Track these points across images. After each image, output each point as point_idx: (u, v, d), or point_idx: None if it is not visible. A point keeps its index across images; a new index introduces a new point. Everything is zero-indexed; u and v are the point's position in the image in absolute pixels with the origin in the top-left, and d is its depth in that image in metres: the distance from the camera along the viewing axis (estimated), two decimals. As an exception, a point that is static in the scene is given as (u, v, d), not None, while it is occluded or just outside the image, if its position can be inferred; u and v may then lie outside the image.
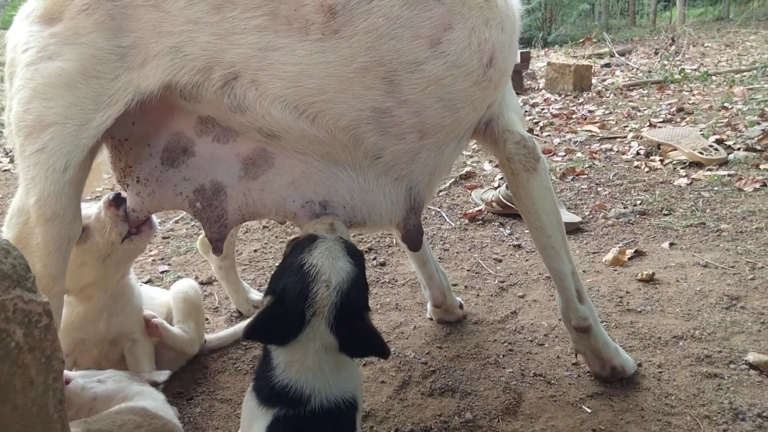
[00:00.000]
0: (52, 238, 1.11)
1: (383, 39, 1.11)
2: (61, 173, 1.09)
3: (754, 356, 1.59)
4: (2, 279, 0.65)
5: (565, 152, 4.18)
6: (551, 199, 1.49)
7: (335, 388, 1.03)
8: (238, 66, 1.10)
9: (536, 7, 16.83)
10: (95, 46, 1.09)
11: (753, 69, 7.55)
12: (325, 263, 1.03)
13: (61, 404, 0.73)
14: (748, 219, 2.64)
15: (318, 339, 1.01)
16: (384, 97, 1.15)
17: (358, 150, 1.22)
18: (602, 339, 1.55)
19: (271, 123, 1.16)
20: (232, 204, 1.27)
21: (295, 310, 1.00)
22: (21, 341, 0.66)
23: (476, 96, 1.26)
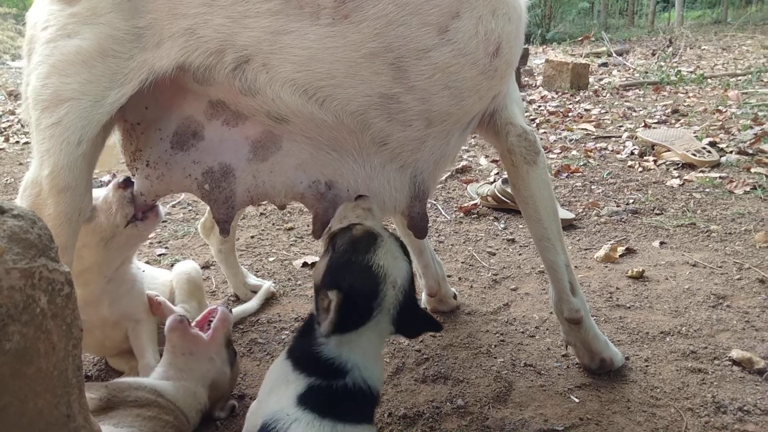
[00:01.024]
0: (63, 209, 1.14)
1: (392, 25, 1.13)
2: (75, 146, 1.12)
3: (738, 353, 1.64)
4: (29, 248, 0.68)
5: (561, 150, 4.22)
6: (549, 192, 1.52)
7: (369, 372, 1.09)
8: (250, 49, 1.13)
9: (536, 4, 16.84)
10: (112, 26, 1.12)
11: (748, 73, 7.63)
12: (391, 264, 1.09)
13: (79, 370, 0.76)
14: (738, 221, 2.69)
15: (377, 329, 1.10)
16: (392, 83, 1.18)
17: (365, 136, 1.24)
18: (593, 331, 1.59)
19: (280, 106, 1.18)
20: (241, 186, 1.30)
21: (365, 308, 1.07)
22: (45, 308, 0.69)
23: (482, 85, 1.28)
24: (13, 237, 0.67)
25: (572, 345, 1.64)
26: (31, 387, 0.68)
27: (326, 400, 1.05)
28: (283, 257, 2.52)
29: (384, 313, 1.08)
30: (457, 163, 3.87)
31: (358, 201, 1.27)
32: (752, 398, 1.47)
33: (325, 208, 1.31)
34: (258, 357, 1.77)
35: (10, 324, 0.65)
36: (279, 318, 2.00)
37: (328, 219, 1.31)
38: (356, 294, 1.06)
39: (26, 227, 0.69)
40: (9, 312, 0.65)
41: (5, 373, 0.65)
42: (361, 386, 1.07)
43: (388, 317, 1.09)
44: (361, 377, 1.08)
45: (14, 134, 5.42)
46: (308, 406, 1.03)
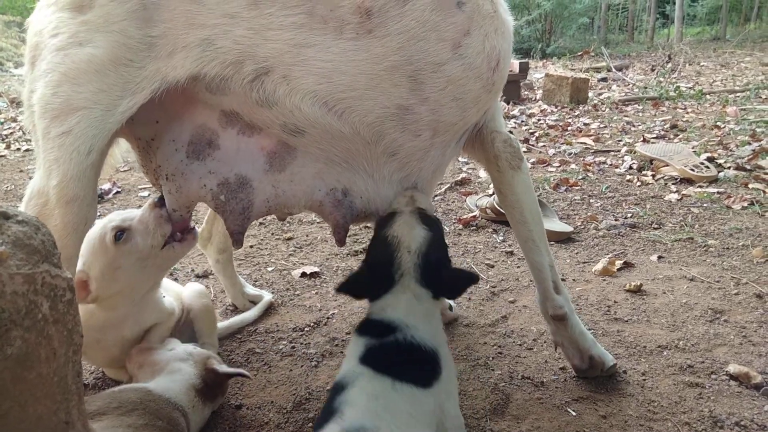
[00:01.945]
0: (70, 219, 1.14)
1: (413, 40, 1.19)
2: (84, 156, 1.12)
3: (735, 368, 1.65)
4: (32, 254, 0.69)
5: (560, 163, 4.24)
6: (533, 196, 1.58)
7: (422, 331, 1.18)
8: (271, 61, 1.14)
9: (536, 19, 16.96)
10: (126, 34, 1.12)
11: (746, 90, 7.69)
12: (404, 232, 1.23)
13: (79, 376, 0.77)
14: (735, 236, 2.71)
15: (409, 291, 1.21)
16: (408, 95, 1.24)
17: (378, 147, 1.29)
18: (578, 329, 1.62)
19: (298, 118, 1.20)
20: (260, 196, 1.31)
21: (384, 274, 1.22)
22: (47, 313, 0.70)
23: (482, 98, 1.36)
24: (17, 242, 0.68)
25: (561, 345, 1.66)
26: (32, 392, 0.69)
27: (380, 356, 1.15)
28: (281, 267, 2.53)
29: (407, 276, 1.21)
30: (456, 176, 3.88)
31: (403, 191, 1.39)
32: (749, 413, 1.48)
33: (343, 215, 1.34)
34: (255, 367, 1.77)
35: (13, 329, 0.65)
36: (277, 328, 2.00)
37: (348, 226, 1.36)
38: (375, 263, 1.23)
39: (30, 233, 0.70)
40: (11, 317, 0.65)
41: (6, 378, 0.65)
42: (411, 342, 1.16)
43: (413, 279, 1.21)
44: (408, 334, 1.17)
45: (15, 141, 5.43)
46: (367, 363, 1.14)
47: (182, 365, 1.42)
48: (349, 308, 2.13)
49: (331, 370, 1.74)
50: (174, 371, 1.40)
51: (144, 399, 1.26)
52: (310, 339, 1.93)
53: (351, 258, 2.61)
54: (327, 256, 2.64)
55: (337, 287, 1.25)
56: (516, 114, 6.58)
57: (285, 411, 1.55)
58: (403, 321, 1.18)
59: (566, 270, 2.43)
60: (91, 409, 1.18)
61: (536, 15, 16.74)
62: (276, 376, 1.72)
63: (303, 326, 2.00)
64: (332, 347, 1.87)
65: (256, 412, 1.55)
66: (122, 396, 1.24)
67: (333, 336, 1.93)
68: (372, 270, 1.24)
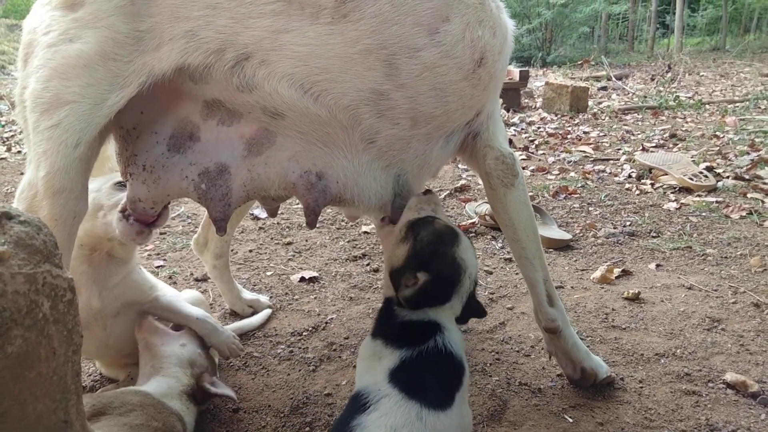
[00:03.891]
0: (57, 211, 1.14)
1: (387, 23, 1.19)
2: (72, 148, 1.13)
3: (732, 376, 1.65)
4: (34, 254, 0.69)
5: (559, 171, 4.25)
6: (527, 213, 1.55)
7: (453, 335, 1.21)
8: (251, 47, 1.16)
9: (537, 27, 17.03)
10: (114, 29, 1.14)
11: (746, 100, 7.72)
12: (469, 258, 1.25)
13: (78, 376, 0.77)
14: (733, 245, 2.71)
15: (451, 310, 1.24)
16: (383, 79, 1.23)
17: (355, 131, 1.28)
18: (571, 341, 1.62)
19: (276, 101, 1.21)
20: (237, 181, 1.32)
21: (446, 291, 1.23)
22: (47, 313, 0.70)
23: (465, 92, 1.34)
24: (19, 242, 0.68)
25: (554, 355, 1.67)
26: (31, 391, 0.69)
27: (415, 376, 1.13)
28: (280, 272, 2.53)
29: (458, 299, 1.23)
30: (455, 182, 3.89)
31: (428, 196, 1.39)
32: (746, 422, 1.48)
33: (315, 198, 1.33)
34: (253, 371, 1.77)
35: (13, 328, 0.66)
36: (275, 332, 2.00)
37: (319, 210, 1.35)
38: (443, 279, 1.21)
39: (32, 233, 0.71)
40: (12, 316, 0.66)
41: (6, 377, 0.66)
42: (451, 351, 1.17)
43: (460, 302, 1.24)
44: (448, 338, 1.19)
45: (17, 144, 5.45)
46: (398, 383, 1.11)
47: (179, 372, 1.43)
48: (347, 313, 2.14)
49: (329, 375, 1.74)
50: (171, 376, 1.40)
51: (143, 402, 1.27)
52: (309, 343, 1.93)
53: (350, 263, 2.62)
54: (326, 261, 2.64)
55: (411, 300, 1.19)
56: (516, 122, 6.60)
57: (282, 415, 1.55)
58: (442, 323, 1.21)
59: (564, 277, 2.44)
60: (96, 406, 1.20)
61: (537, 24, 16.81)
62: (274, 380, 1.72)
63: (301, 331, 2.01)
64: (330, 352, 1.87)
65: (254, 416, 1.56)
66: (124, 397, 1.25)
67: (331, 341, 1.94)
68: (435, 283, 1.20)
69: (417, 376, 1.13)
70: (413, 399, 1.08)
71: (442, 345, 1.17)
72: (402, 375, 1.13)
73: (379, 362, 1.17)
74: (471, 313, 1.29)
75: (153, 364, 1.44)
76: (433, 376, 1.14)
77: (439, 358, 1.16)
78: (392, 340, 1.19)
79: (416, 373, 1.14)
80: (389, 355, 1.17)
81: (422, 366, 1.15)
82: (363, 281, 2.42)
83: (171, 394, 1.37)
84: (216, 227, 1.35)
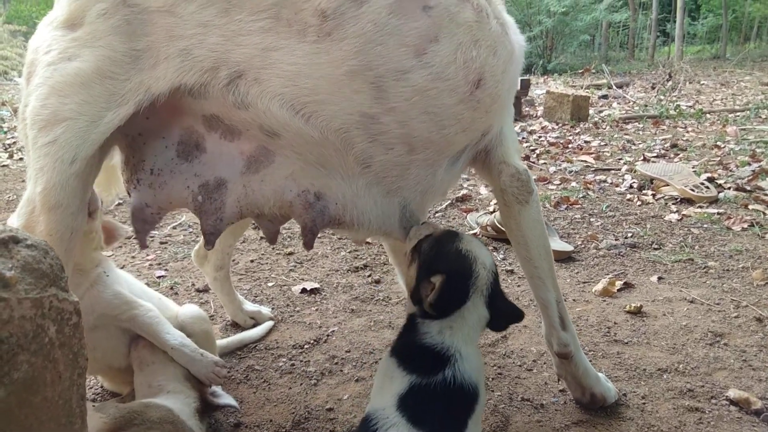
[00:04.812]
0: (54, 227, 1.15)
1: (371, 44, 1.16)
2: (68, 165, 1.14)
3: (735, 392, 1.64)
4: (41, 278, 0.69)
5: (560, 181, 4.26)
6: (541, 231, 1.53)
7: (469, 362, 1.16)
8: (243, 65, 1.16)
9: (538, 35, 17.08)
10: (111, 48, 1.15)
11: (746, 110, 7.73)
12: (478, 250, 1.23)
13: (83, 399, 0.77)
14: (735, 258, 2.71)
15: (475, 312, 1.20)
16: (372, 103, 1.20)
17: (348, 154, 1.26)
18: (582, 366, 1.60)
19: (271, 120, 1.21)
20: (231, 196, 1.31)
21: (462, 286, 1.19)
22: (53, 337, 0.70)
23: (464, 116, 1.29)
24: (26, 267, 0.68)
25: (564, 378, 1.65)
26: (37, 416, 0.69)
27: (424, 405, 1.10)
28: (282, 282, 2.53)
29: (478, 294, 1.19)
30: (457, 192, 3.89)
31: (424, 224, 1.39)
32: (749, 439, 1.47)
33: (312, 219, 1.32)
34: (255, 384, 1.77)
35: (20, 353, 0.66)
36: (276, 345, 2.00)
37: (317, 230, 1.34)
38: (455, 273, 1.19)
39: (39, 257, 0.71)
40: (19, 341, 0.66)
41: (12, 403, 0.66)
42: (461, 382, 1.13)
43: (483, 299, 1.20)
44: (460, 369, 1.14)
45: (19, 151, 5.45)
46: (406, 411, 1.09)
47: (183, 387, 1.42)
48: (349, 326, 2.13)
49: (330, 389, 1.74)
50: (177, 392, 1.40)
51: (163, 418, 1.28)
52: (310, 357, 1.92)
53: (351, 274, 2.62)
54: (327, 272, 2.64)
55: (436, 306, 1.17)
56: (517, 131, 6.61)
57: (284, 430, 1.55)
58: (459, 349, 1.16)
59: (566, 290, 2.43)
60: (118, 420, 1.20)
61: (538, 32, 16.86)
62: (275, 394, 1.72)
63: (303, 343, 2.00)
64: (332, 365, 1.87)
65: (255, 430, 1.55)
66: (146, 413, 1.25)
67: (333, 354, 1.93)
68: (450, 281, 1.17)
69: (425, 405, 1.11)
70: (421, 430, 1.07)
71: (451, 378, 1.13)
72: (410, 402, 1.11)
73: (390, 382, 1.16)
74: (504, 317, 1.25)
75: (150, 383, 1.43)
76: (442, 406, 1.12)
77: (449, 390, 1.12)
78: (405, 362, 1.17)
79: (424, 402, 1.11)
80: (400, 377, 1.15)
81: (430, 396, 1.12)
82: (365, 293, 2.41)
83: (189, 412, 1.37)
84: (205, 240, 1.35)
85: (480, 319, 1.21)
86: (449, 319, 1.18)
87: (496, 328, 1.27)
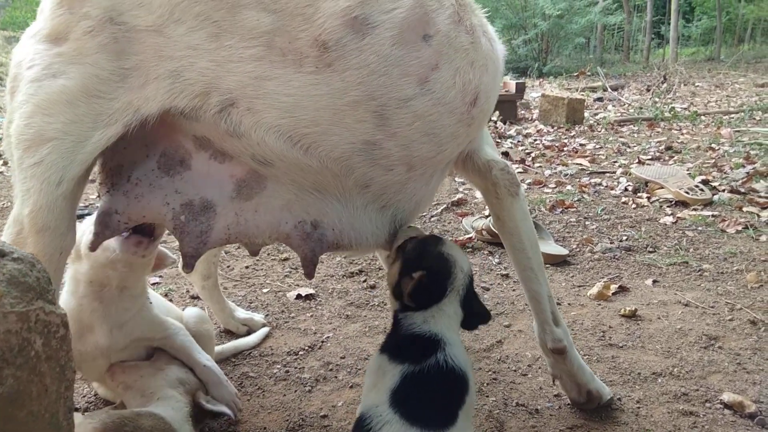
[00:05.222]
0: (42, 248, 1.13)
1: (374, 75, 1.15)
2: (55, 186, 1.11)
3: (729, 396, 1.64)
4: (27, 291, 0.69)
5: (556, 184, 4.26)
6: (530, 223, 1.58)
7: (456, 348, 1.22)
8: (235, 93, 1.13)
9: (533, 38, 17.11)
10: (98, 66, 1.12)
11: (741, 111, 7.75)
12: (458, 255, 1.32)
13: (70, 412, 0.76)
14: (730, 260, 2.72)
15: (450, 308, 1.27)
16: (374, 130, 1.20)
17: (348, 179, 1.26)
18: (577, 362, 1.61)
19: (265, 151, 1.19)
20: (221, 222, 1.29)
21: (440, 283, 1.27)
22: (40, 350, 0.69)
23: (460, 132, 1.32)
24: (12, 280, 0.68)
25: (559, 378, 1.65)
26: (22, 431, 0.68)
27: (416, 398, 1.13)
28: (277, 288, 2.52)
29: (455, 293, 1.27)
30: (452, 197, 3.89)
31: (410, 227, 1.45)
32: (743, 443, 1.47)
33: (312, 249, 1.31)
34: (249, 391, 1.76)
35: (5, 368, 0.65)
36: (271, 351, 1.99)
37: (317, 260, 1.33)
38: (435, 272, 1.27)
39: (25, 270, 0.70)
40: (4, 356, 0.65)
41: (-3, 417, 0.65)
42: (453, 366, 1.18)
43: (458, 298, 1.28)
44: (450, 354, 1.19)
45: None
46: (399, 407, 1.12)
47: (174, 393, 1.42)
48: (344, 332, 2.13)
49: (325, 396, 1.73)
50: (168, 398, 1.39)
51: (155, 427, 1.27)
52: (305, 363, 1.92)
53: (347, 280, 2.61)
54: (322, 277, 2.64)
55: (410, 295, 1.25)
56: (512, 134, 6.62)
57: (278, 438, 1.54)
58: (445, 335, 1.22)
59: (561, 294, 2.43)
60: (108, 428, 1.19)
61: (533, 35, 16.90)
62: (269, 401, 1.71)
63: (297, 350, 2.00)
64: (326, 372, 1.86)
65: (249, 438, 1.55)
66: (137, 421, 1.24)
67: (327, 360, 1.93)
68: (430, 277, 1.25)
69: (418, 398, 1.13)
70: (414, 426, 1.09)
71: (443, 361, 1.18)
72: (403, 397, 1.13)
73: (383, 378, 1.18)
74: (476, 317, 1.32)
75: (143, 393, 1.42)
76: (435, 395, 1.15)
77: (441, 374, 1.17)
78: (396, 354, 1.21)
79: (417, 394, 1.14)
80: (392, 370, 1.18)
81: (423, 384, 1.15)
82: (360, 298, 2.41)
83: (179, 419, 1.36)
84: (184, 263, 1.31)
85: (456, 316, 1.28)
86: (430, 310, 1.25)
87: (468, 326, 1.34)
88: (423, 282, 1.24)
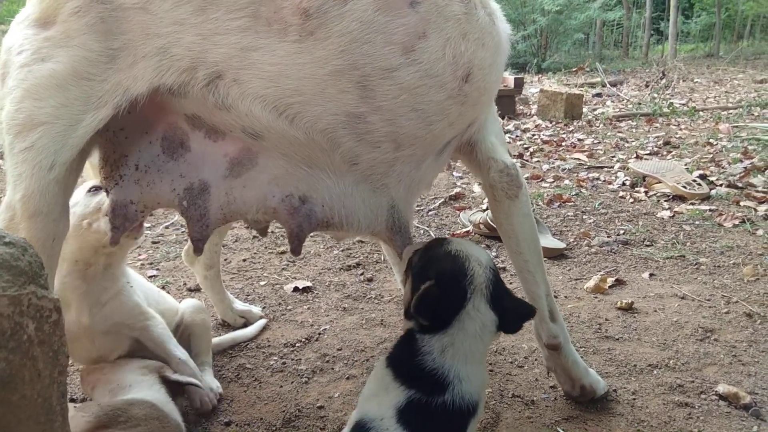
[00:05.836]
0: (35, 234, 1.13)
1: (357, 43, 1.12)
2: (46, 171, 1.11)
3: (724, 388, 1.65)
4: (19, 275, 0.69)
5: (554, 179, 4.26)
6: (530, 225, 1.54)
7: (470, 384, 1.10)
8: (221, 65, 1.13)
9: (532, 34, 17.09)
10: (86, 47, 1.11)
11: (739, 107, 7.75)
12: (470, 249, 1.15)
13: (64, 397, 0.76)
14: (726, 254, 2.72)
15: (478, 317, 1.10)
16: (358, 102, 1.17)
17: (335, 154, 1.24)
18: (572, 357, 1.61)
19: (253, 122, 1.18)
20: (214, 203, 1.29)
21: (457, 288, 1.09)
22: (32, 335, 0.70)
23: (452, 110, 1.27)
24: (3, 264, 0.68)
25: (553, 371, 1.66)
26: (15, 414, 0.68)
27: (423, 420, 1.07)
28: (274, 281, 2.52)
29: (479, 294, 1.10)
30: (450, 190, 3.89)
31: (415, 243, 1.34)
32: (738, 434, 1.48)
33: (299, 224, 1.30)
34: (245, 383, 1.76)
35: (-4, 351, 0.65)
36: (268, 343, 2.00)
37: (304, 236, 1.32)
38: (446, 276, 1.10)
39: (17, 254, 0.70)
40: (-4, 339, 0.65)
41: (-11, 400, 0.65)
42: (460, 404, 1.08)
43: (484, 299, 1.10)
44: (461, 392, 1.08)
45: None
46: (405, 423, 1.06)
47: (143, 378, 1.43)
48: (341, 324, 2.13)
49: (321, 387, 1.73)
50: (140, 382, 1.41)
51: (148, 415, 1.28)
52: (301, 355, 1.92)
53: (344, 273, 2.61)
54: (320, 270, 2.64)
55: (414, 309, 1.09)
56: (511, 129, 6.61)
57: (274, 428, 1.55)
58: (460, 372, 1.09)
59: (558, 287, 2.44)
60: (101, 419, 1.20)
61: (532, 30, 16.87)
62: (266, 392, 1.71)
63: (294, 342, 2.00)
64: (323, 364, 1.86)
65: (246, 429, 1.55)
66: (130, 411, 1.25)
67: (324, 352, 1.93)
68: (442, 285, 1.08)
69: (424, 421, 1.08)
70: None
71: (450, 401, 1.08)
72: (410, 416, 1.08)
73: (385, 393, 1.11)
74: (514, 315, 1.15)
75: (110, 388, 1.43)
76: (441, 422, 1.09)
77: (447, 412, 1.08)
78: (402, 376, 1.11)
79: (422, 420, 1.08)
80: (396, 389, 1.10)
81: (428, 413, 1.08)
82: (357, 291, 2.41)
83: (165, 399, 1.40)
84: (194, 247, 1.33)
85: (485, 326, 1.10)
86: (449, 332, 1.09)
87: (509, 329, 1.15)
88: (432, 293, 1.07)
